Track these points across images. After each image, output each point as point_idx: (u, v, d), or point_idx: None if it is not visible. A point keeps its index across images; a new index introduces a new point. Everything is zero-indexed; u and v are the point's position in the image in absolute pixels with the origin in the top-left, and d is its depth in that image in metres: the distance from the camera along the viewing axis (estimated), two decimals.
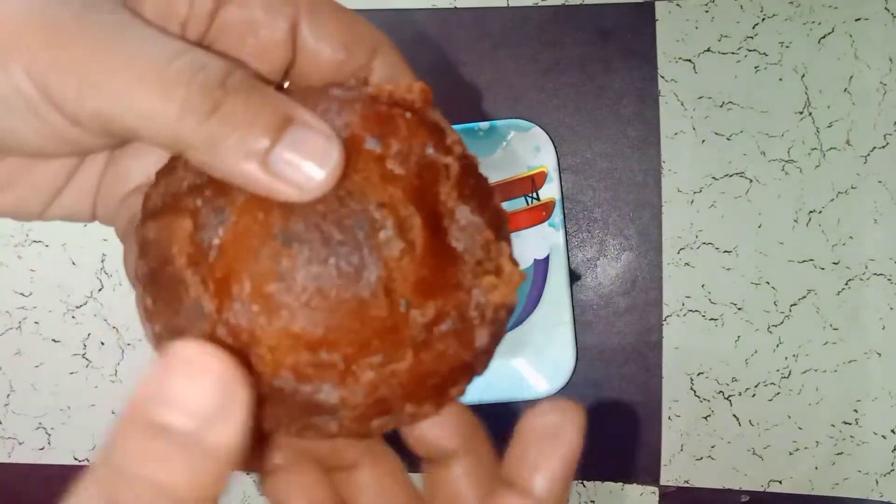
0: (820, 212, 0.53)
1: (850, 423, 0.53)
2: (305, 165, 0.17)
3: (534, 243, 0.53)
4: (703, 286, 0.54)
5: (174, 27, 0.18)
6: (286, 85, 0.21)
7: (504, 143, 0.53)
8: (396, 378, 0.18)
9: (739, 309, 0.53)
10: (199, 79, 0.16)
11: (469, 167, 0.20)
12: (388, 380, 0.18)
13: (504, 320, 0.20)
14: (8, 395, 0.58)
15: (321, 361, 0.17)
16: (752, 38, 0.53)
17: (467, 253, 0.18)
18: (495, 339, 0.19)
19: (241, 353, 0.17)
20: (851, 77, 0.53)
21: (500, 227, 0.20)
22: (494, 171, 0.54)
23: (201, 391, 0.14)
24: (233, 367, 0.15)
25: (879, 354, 0.52)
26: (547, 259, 0.53)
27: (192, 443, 0.14)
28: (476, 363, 0.20)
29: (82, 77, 0.16)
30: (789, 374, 0.53)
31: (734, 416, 0.53)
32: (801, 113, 0.53)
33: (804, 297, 0.53)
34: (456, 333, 0.18)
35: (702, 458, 0.54)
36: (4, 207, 0.20)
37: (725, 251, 0.53)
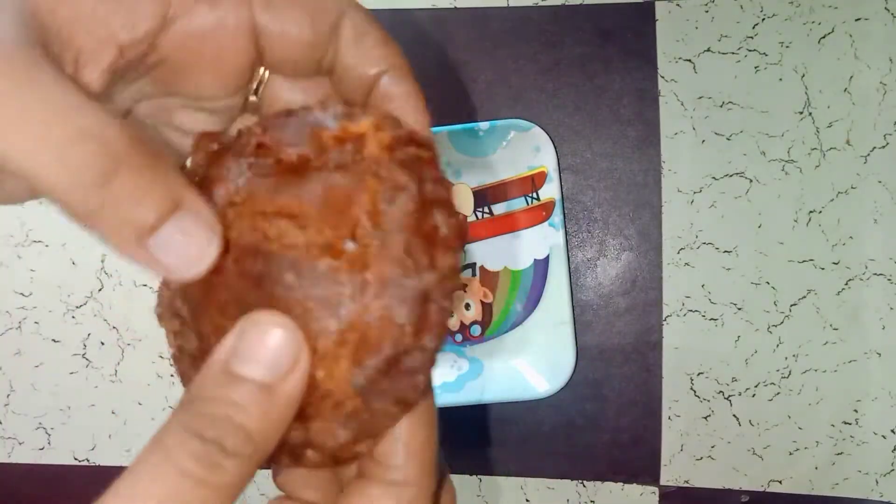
0: (820, 212, 0.53)
1: (850, 423, 0.53)
2: (183, 255, 0.17)
3: (534, 243, 0.53)
4: (703, 286, 0.54)
5: (108, 54, 0.18)
6: (252, 99, 0.21)
7: (504, 143, 0.53)
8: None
9: (739, 309, 0.53)
10: (92, 148, 0.16)
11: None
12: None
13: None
14: (8, 395, 0.58)
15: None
16: (752, 38, 0.53)
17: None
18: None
19: None
20: (851, 77, 0.53)
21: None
22: (494, 171, 0.54)
23: (274, 348, 0.17)
24: (296, 328, 0.18)
25: (879, 354, 0.52)
26: (547, 259, 0.53)
27: (266, 391, 0.17)
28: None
29: None
30: (789, 374, 0.53)
31: (734, 416, 0.53)
32: (801, 113, 0.53)
33: (804, 297, 0.53)
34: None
35: (702, 457, 0.54)
36: None
37: (725, 251, 0.53)
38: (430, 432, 0.20)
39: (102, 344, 0.57)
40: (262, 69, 0.21)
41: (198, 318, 0.19)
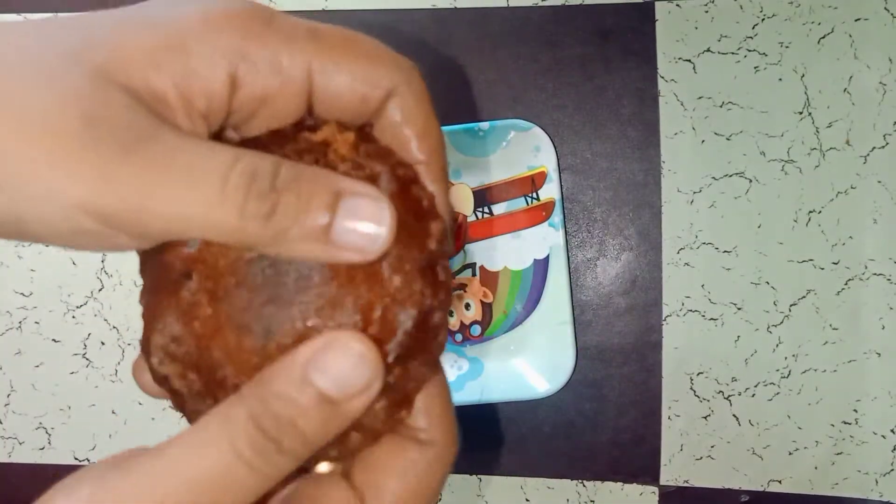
0: (820, 212, 0.53)
1: (849, 423, 0.53)
2: (365, 228, 0.19)
3: (534, 243, 0.54)
4: (702, 286, 0.54)
5: (200, 125, 0.19)
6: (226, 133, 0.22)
7: (504, 143, 0.53)
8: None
9: (739, 309, 0.53)
10: (254, 189, 0.18)
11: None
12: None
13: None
14: (8, 395, 0.58)
15: None
16: (751, 38, 0.53)
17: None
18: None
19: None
20: (851, 77, 0.53)
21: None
22: (494, 171, 0.54)
23: (353, 371, 0.18)
24: (377, 356, 0.19)
25: (879, 354, 0.52)
26: (547, 259, 0.53)
27: (331, 406, 0.18)
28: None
29: (143, 207, 0.17)
30: (789, 373, 0.53)
31: (734, 415, 0.53)
32: (801, 113, 0.53)
33: (804, 297, 0.53)
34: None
35: (702, 457, 0.54)
36: None
37: (725, 251, 0.53)
38: (447, 394, 0.21)
39: (103, 344, 0.57)
40: None
41: (204, 349, 0.20)
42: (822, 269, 0.53)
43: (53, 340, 0.58)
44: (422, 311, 0.20)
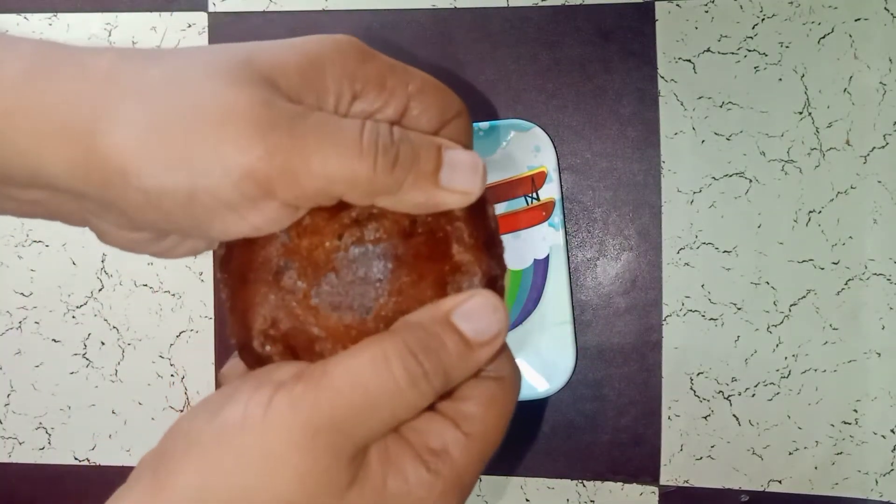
0: (820, 212, 0.53)
1: (849, 423, 0.53)
2: (465, 174, 0.23)
3: (534, 243, 0.54)
4: (702, 286, 0.54)
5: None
6: None
7: (504, 143, 0.53)
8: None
9: (739, 309, 0.53)
10: (380, 145, 0.22)
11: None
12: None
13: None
14: (8, 395, 0.58)
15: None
16: (751, 38, 0.53)
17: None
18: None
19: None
20: (851, 77, 0.53)
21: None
22: (494, 172, 0.54)
23: (491, 323, 0.23)
24: (507, 314, 0.23)
25: (879, 354, 0.52)
26: (547, 259, 0.53)
27: (468, 347, 0.22)
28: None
29: (301, 170, 0.21)
30: (789, 373, 0.53)
31: (734, 415, 0.53)
32: (801, 113, 0.53)
33: (804, 297, 0.53)
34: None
35: (702, 457, 0.54)
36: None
37: (725, 251, 0.53)
38: (511, 399, 0.24)
39: (103, 344, 0.57)
40: None
41: (304, 329, 0.23)
42: (822, 269, 0.53)
43: (53, 340, 0.58)
44: (491, 278, 0.23)
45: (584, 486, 0.55)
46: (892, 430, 0.52)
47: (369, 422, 0.21)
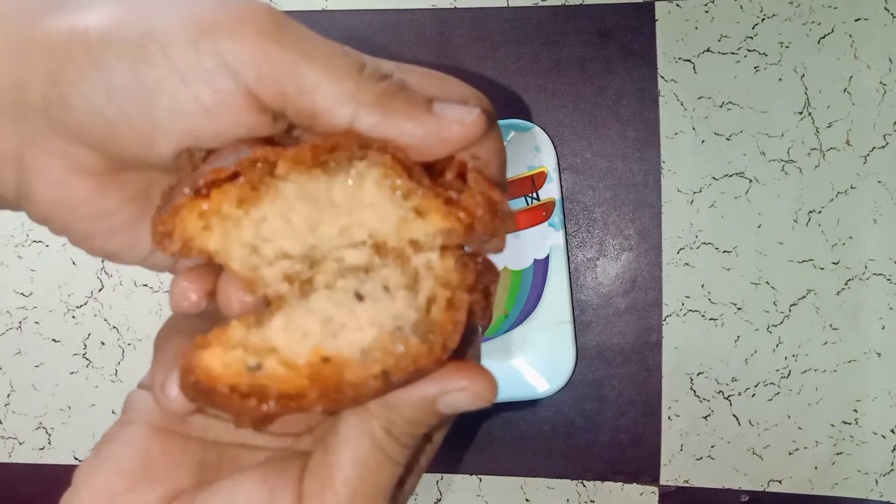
0: (820, 212, 0.53)
1: (849, 423, 0.53)
2: (458, 107, 0.21)
3: (534, 243, 0.54)
4: (702, 286, 0.54)
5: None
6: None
7: (504, 144, 0.53)
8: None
9: (739, 309, 0.53)
10: (367, 70, 0.21)
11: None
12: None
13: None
14: (8, 395, 0.58)
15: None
16: (751, 38, 0.53)
17: None
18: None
19: None
20: (851, 77, 0.53)
21: None
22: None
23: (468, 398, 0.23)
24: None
25: (879, 354, 0.52)
26: (547, 259, 0.53)
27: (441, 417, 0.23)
28: None
29: (299, 80, 0.20)
30: (789, 373, 0.53)
31: (734, 415, 0.53)
32: (801, 113, 0.53)
33: (804, 297, 0.53)
34: None
35: (702, 457, 0.54)
36: (113, 249, 0.23)
37: (725, 251, 0.53)
38: (390, 477, 0.23)
39: (103, 344, 0.57)
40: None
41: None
42: (822, 269, 0.53)
43: (53, 340, 0.58)
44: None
45: (584, 486, 0.55)
46: (892, 430, 0.52)
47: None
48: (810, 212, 0.53)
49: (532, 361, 0.53)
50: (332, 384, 0.20)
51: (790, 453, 0.53)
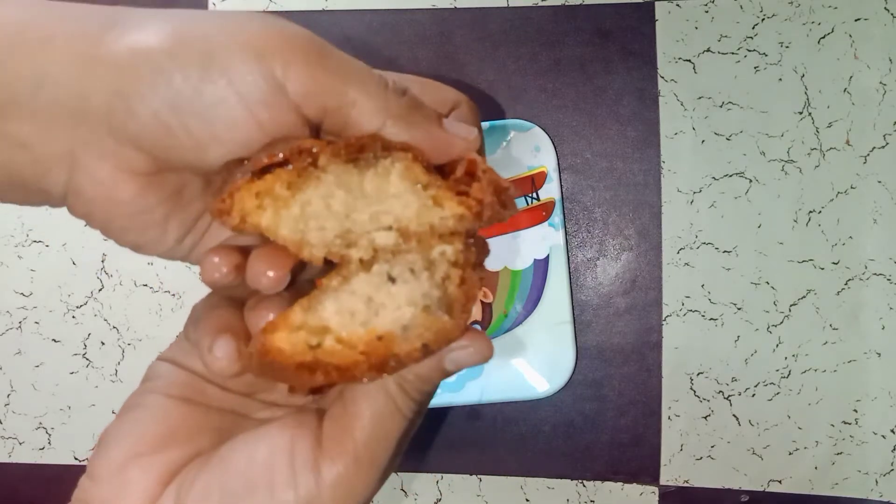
0: (820, 212, 0.53)
1: (849, 423, 0.53)
2: (462, 126, 0.26)
3: (534, 243, 0.54)
4: (702, 286, 0.54)
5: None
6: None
7: (504, 143, 0.53)
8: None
9: (739, 309, 0.53)
10: (390, 87, 0.25)
11: None
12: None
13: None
14: (8, 395, 0.58)
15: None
16: (751, 38, 0.53)
17: None
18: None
19: None
20: (851, 77, 0.53)
21: None
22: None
23: (471, 354, 0.25)
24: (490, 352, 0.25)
25: (879, 354, 0.52)
26: (547, 259, 0.53)
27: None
28: None
29: (340, 98, 0.24)
30: (789, 373, 0.53)
31: (734, 415, 0.53)
32: (801, 113, 0.53)
33: (804, 297, 0.53)
34: None
35: (702, 457, 0.54)
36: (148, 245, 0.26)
37: (725, 251, 0.53)
38: (395, 430, 0.26)
39: (103, 344, 0.57)
40: None
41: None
42: (822, 269, 0.53)
43: (53, 340, 0.58)
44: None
45: (584, 486, 0.55)
46: (892, 430, 0.52)
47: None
48: (810, 212, 0.53)
49: (532, 361, 0.53)
50: (381, 357, 0.24)
51: (790, 453, 0.53)
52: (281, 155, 0.23)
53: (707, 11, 0.54)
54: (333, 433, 0.24)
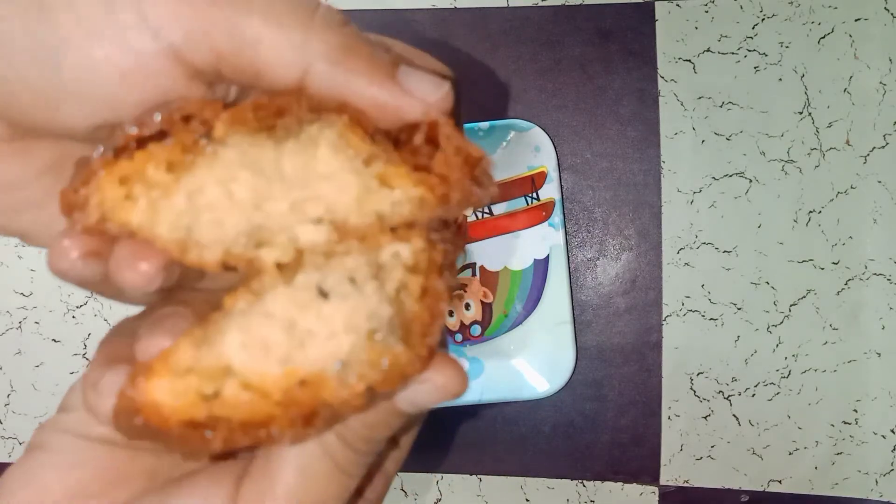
0: (820, 212, 0.53)
1: (849, 423, 0.53)
2: (425, 80, 0.18)
3: (534, 243, 0.54)
4: (702, 286, 0.54)
5: None
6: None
7: (504, 143, 0.53)
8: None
9: (739, 309, 0.53)
10: (320, 15, 0.18)
11: None
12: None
13: None
14: (8, 395, 0.58)
15: None
16: (751, 38, 0.53)
17: None
18: None
19: None
20: (851, 77, 0.53)
21: None
22: (494, 172, 0.54)
23: (433, 391, 0.19)
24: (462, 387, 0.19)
25: (879, 354, 0.52)
26: (547, 259, 0.53)
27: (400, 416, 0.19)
28: None
29: (236, 34, 0.17)
30: (789, 373, 0.53)
31: (734, 415, 0.53)
32: (801, 113, 0.53)
33: (804, 297, 0.53)
34: None
35: (702, 457, 0.54)
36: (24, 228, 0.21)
37: (725, 251, 0.53)
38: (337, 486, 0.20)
39: None
40: None
41: None
42: (822, 269, 0.53)
43: (53, 340, 0.58)
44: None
45: (584, 486, 0.55)
46: (892, 430, 0.52)
47: None
48: (810, 212, 0.53)
49: (532, 361, 0.53)
50: (306, 408, 0.17)
51: (790, 453, 0.53)
52: (156, 123, 0.17)
53: (707, 11, 0.54)
54: (251, 498, 0.19)
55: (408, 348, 0.17)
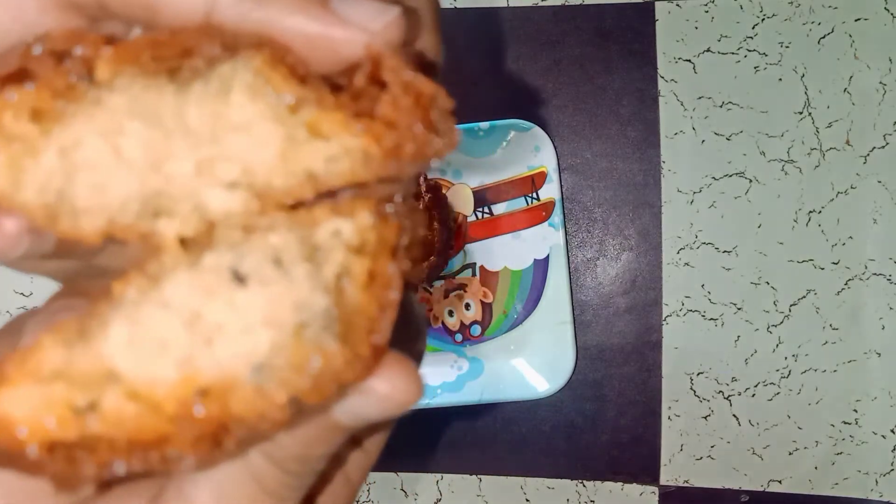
0: (820, 212, 0.53)
1: (849, 423, 0.53)
2: (370, 3, 0.14)
3: (534, 243, 0.54)
4: (702, 286, 0.54)
5: None
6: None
7: (504, 143, 0.53)
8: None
9: (739, 309, 0.53)
10: None
11: None
12: None
13: None
14: None
15: None
16: (751, 38, 0.53)
17: None
18: None
19: None
20: (851, 77, 0.53)
21: None
22: (494, 172, 0.54)
23: (377, 401, 0.15)
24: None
25: (879, 354, 0.52)
26: (547, 259, 0.53)
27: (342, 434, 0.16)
28: None
29: None
30: (789, 373, 0.53)
31: (734, 415, 0.53)
32: (801, 113, 0.53)
33: (804, 297, 0.53)
34: None
35: (701, 457, 0.54)
36: None
37: (725, 251, 0.53)
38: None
39: None
40: None
41: None
42: (822, 269, 0.53)
43: None
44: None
45: (584, 486, 0.55)
46: (892, 430, 0.52)
47: None
48: (810, 212, 0.53)
49: (532, 361, 0.53)
50: (211, 424, 0.13)
51: (790, 453, 0.53)
52: (17, 62, 0.13)
53: (707, 11, 0.54)
54: None
55: (346, 347, 0.14)
